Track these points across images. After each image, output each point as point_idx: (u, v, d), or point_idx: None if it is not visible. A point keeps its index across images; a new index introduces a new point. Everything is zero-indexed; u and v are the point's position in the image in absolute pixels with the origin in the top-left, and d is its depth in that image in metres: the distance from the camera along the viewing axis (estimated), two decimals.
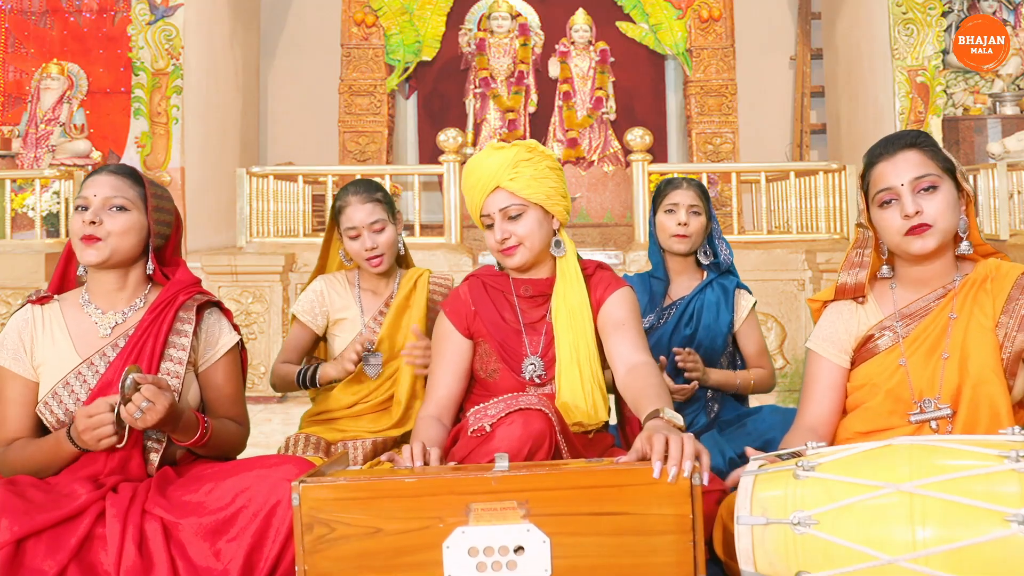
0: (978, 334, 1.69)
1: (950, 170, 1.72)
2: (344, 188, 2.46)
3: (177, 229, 1.97)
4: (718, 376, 2.48)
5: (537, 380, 1.93)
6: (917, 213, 1.67)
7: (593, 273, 1.99)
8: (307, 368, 2.36)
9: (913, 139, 1.73)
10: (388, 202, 2.44)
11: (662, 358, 2.38)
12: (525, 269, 1.95)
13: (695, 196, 2.54)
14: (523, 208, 1.89)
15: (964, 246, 1.74)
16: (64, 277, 1.94)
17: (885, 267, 1.80)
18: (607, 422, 1.96)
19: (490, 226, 1.92)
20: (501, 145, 1.93)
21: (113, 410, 1.64)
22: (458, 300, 2.00)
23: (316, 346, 2.51)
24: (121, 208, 1.83)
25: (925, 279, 1.77)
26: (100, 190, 1.82)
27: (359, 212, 2.37)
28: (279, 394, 4.64)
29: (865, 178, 1.77)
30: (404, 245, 2.49)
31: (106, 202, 1.82)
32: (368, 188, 2.43)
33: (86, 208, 1.82)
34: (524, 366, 1.93)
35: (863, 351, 1.81)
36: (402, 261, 2.55)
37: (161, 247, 1.91)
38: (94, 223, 1.79)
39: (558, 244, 1.95)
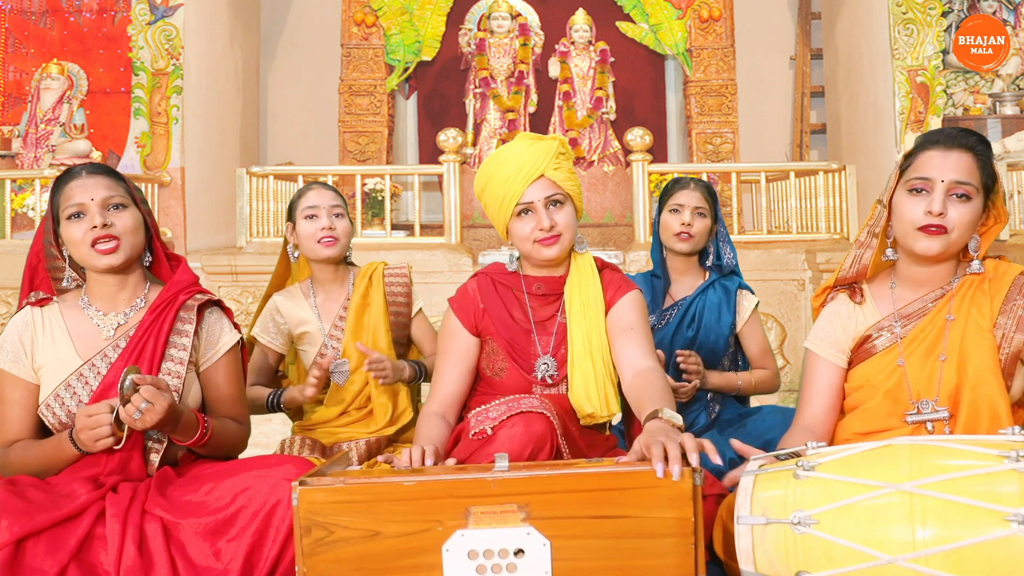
0: (976, 335, 1.69)
1: (988, 186, 1.70)
2: (303, 187, 2.47)
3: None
4: (718, 379, 2.46)
5: (549, 380, 1.92)
6: (941, 214, 1.66)
7: (603, 270, 1.99)
8: (274, 393, 2.32)
9: (973, 144, 1.70)
10: (346, 202, 2.45)
11: (660, 353, 2.37)
12: (555, 263, 1.94)
13: (701, 198, 2.53)
14: (565, 198, 1.90)
15: (975, 265, 1.73)
16: (31, 290, 1.87)
17: (889, 250, 1.79)
18: (611, 421, 1.96)
19: (523, 213, 1.88)
20: (538, 136, 1.93)
21: (113, 412, 1.64)
22: (466, 297, 1.99)
23: (281, 363, 2.47)
24: (122, 206, 1.80)
25: (924, 280, 1.77)
26: (95, 192, 1.78)
27: (321, 195, 2.38)
28: None
29: (909, 158, 1.75)
30: (351, 254, 2.45)
31: (105, 202, 1.78)
32: (330, 186, 2.47)
33: (81, 214, 1.77)
34: (537, 365, 1.93)
35: (861, 351, 1.80)
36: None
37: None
38: (106, 225, 1.76)
39: (581, 241, 1.96)
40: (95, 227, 1.76)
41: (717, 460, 1.42)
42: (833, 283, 1.88)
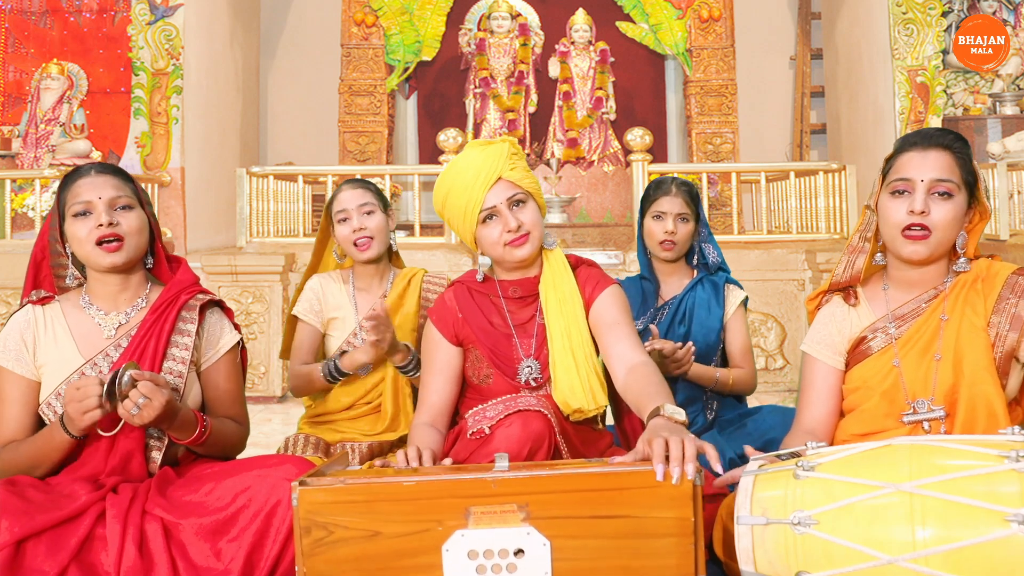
0: (970, 334, 1.69)
1: (970, 183, 1.71)
2: (336, 189, 2.50)
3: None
4: (697, 369, 2.42)
5: (533, 383, 1.92)
6: (923, 213, 1.66)
7: (578, 267, 1.99)
8: (328, 362, 2.33)
9: (950, 142, 1.71)
10: (380, 194, 2.46)
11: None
12: (528, 263, 1.94)
13: (683, 203, 2.51)
14: (526, 196, 1.91)
15: (961, 262, 1.73)
16: (36, 287, 1.88)
17: (879, 254, 1.79)
18: (605, 415, 1.96)
19: (488, 218, 1.89)
20: (488, 141, 1.94)
21: (103, 386, 1.62)
22: (444, 308, 1.99)
23: (322, 343, 2.50)
24: (128, 207, 1.81)
25: (915, 281, 1.77)
26: (103, 191, 1.79)
27: (350, 196, 2.41)
28: (280, 395, 4.66)
29: (890, 161, 1.76)
30: (395, 243, 2.48)
31: (113, 202, 1.80)
32: (362, 182, 2.49)
33: (88, 212, 1.78)
34: (520, 369, 1.92)
35: (856, 353, 1.81)
36: (394, 262, 2.54)
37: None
38: (112, 224, 1.77)
39: (548, 237, 1.96)
40: (101, 225, 1.76)
41: (718, 468, 1.42)
42: (827, 288, 1.88)
